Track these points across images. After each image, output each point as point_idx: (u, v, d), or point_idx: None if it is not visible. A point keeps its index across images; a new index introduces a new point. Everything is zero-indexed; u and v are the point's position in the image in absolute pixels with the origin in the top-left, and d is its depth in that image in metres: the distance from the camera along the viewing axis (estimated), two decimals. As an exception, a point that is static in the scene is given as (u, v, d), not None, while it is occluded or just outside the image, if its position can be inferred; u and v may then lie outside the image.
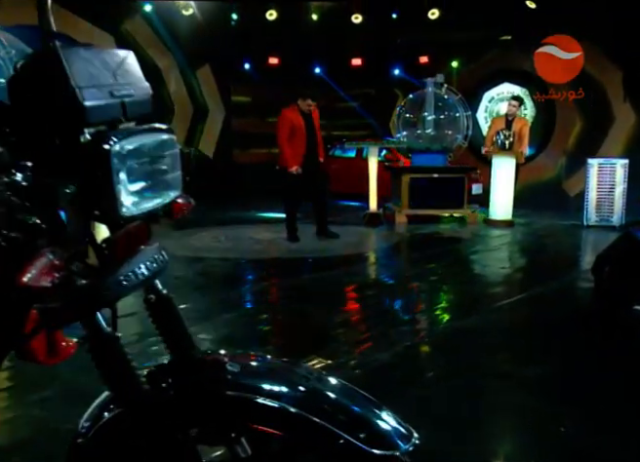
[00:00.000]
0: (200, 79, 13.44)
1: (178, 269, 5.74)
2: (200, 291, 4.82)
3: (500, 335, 3.81)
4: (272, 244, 6.98)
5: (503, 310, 4.33)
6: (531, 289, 4.98)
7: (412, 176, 8.89)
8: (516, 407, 2.76)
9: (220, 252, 6.49)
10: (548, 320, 4.14)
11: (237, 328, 3.82)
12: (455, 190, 8.96)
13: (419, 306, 4.48)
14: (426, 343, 3.57)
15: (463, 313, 4.20)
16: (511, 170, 8.63)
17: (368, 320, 4.12)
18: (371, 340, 3.60)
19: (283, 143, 6.82)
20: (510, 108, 8.97)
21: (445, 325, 3.90)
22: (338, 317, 4.06)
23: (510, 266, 6.07)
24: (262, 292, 4.81)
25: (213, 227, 8.48)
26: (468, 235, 8.09)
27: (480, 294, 4.86)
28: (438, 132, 9.18)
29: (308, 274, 5.52)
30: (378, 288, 5.03)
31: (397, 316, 4.22)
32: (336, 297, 4.71)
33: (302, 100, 6.84)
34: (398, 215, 8.89)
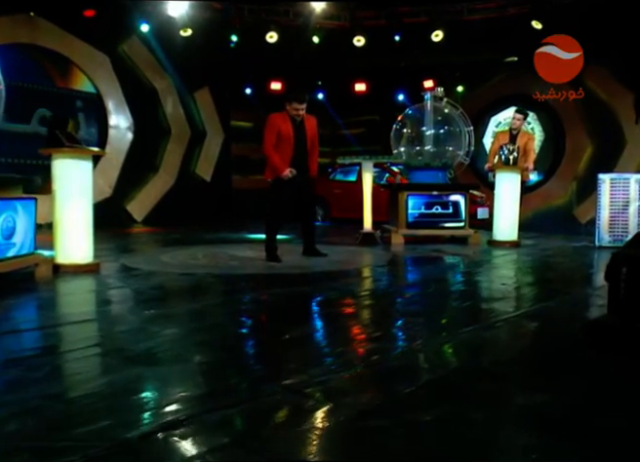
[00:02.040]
0: (198, 102, 12.96)
1: (132, 282, 5.03)
2: (144, 305, 4.07)
3: (493, 356, 3.01)
4: (251, 261, 6.25)
5: (498, 327, 3.53)
6: (534, 305, 4.19)
7: (409, 194, 8.17)
8: (509, 448, 1.96)
9: (189, 268, 5.75)
10: (551, 337, 3.34)
11: (164, 344, 3.06)
12: (456, 209, 8.21)
13: (390, 323, 3.68)
14: (389, 364, 2.78)
15: (446, 330, 3.41)
16: (516, 186, 7.87)
17: (323, 337, 3.34)
18: (318, 360, 2.82)
19: (269, 149, 6.05)
20: (515, 122, 8.27)
21: (419, 343, 3.11)
22: (289, 332, 3.28)
23: (513, 283, 5.26)
24: (214, 306, 4.03)
25: (195, 246, 7.80)
26: (468, 254, 7.30)
27: (475, 310, 4.06)
28: (438, 147, 8.49)
29: (276, 289, 4.74)
30: (350, 304, 4.25)
31: (361, 333, 3.42)
32: (296, 312, 3.94)
33: (289, 104, 6.07)
34: (394, 236, 8.14)
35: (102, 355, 2.89)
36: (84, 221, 5.63)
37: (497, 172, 7.97)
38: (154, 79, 12.16)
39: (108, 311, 4.04)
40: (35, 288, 4.79)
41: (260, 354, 3.06)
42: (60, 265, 5.51)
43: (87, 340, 3.09)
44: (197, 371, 2.64)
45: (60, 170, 5.53)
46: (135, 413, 2.11)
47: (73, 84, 11.30)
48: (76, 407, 2.18)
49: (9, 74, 10.39)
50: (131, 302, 4.34)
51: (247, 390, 2.39)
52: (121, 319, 3.75)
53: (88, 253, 5.65)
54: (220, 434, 1.95)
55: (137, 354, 2.85)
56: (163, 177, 12.38)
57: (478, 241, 8.14)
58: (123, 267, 5.88)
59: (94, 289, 4.79)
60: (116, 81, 11.55)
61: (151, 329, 3.34)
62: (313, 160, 6.28)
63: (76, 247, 5.57)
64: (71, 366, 2.72)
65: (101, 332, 3.42)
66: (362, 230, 8.24)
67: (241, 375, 2.57)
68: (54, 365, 2.71)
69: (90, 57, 11.26)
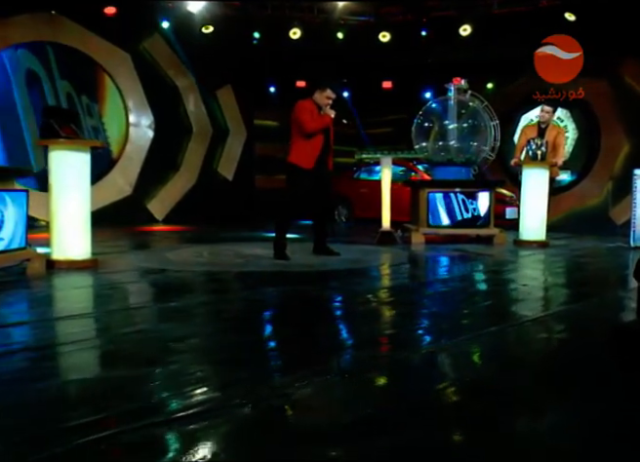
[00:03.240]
0: (220, 100, 12.66)
1: (123, 280, 4.70)
2: (123, 302, 3.73)
3: (503, 365, 2.55)
4: (256, 259, 5.86)
5: (511, 332, 3.06)
6: (556, 308, 3.70)
7: (431, 191, 7.68)
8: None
9: (188, 266, 5.40)
10: (572, 344, 2.86)
11: (130, 344, 2.70)
12: (480, 207, 7.69)
13: (390, 326, 3.24)
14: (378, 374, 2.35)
15: (451, 334, 2.96)
16: (544, 183, 7.31)
17: (318, 340, 2.92)
18: (308, 364, 2.41)
19: (310, 123, 5.53)
20: (543, 115, 7.71)
21: (424, 347, 2.67)
22: (278, 334, 2.88)
23: (536, 284, 4.75)
24: (200, 305, 3.65)
25: (207, 244, 7.47)
26: (491, 254, 6.78)
27: (489, 313, 3.59)
28: (461, 142, 7.97)
29: (270, 287, 4.34)
30: (346, 305, 3.82)
31: (363, 336, 2.99)
32: (283, 313, 3.53)
33: (321, 92, 5.67)
34: (415, 235, 7.66)
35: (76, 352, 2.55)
36: (81, 216, 5.33)
37: (523, 167, 7.42)
38: (176, 77, 11.91)
39: (87, 309, 3.70)
40: (21, 285, 4.49)
41: (234, 357, 2.65)
42: (55, 261, 5.21)
43: (63, 337, 2.76)
44: (155, 375, 2.26)
45: (57, 162, 5.24)
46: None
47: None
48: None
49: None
50: (112, 300, 3.99)
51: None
52: (95, 318, 3.40)
53: (84, 249, 5.35)
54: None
55: (103, 352, 2.48)
56: (184, 176, 12.12)
57: (503, 240, 7.60)
58: (122, 264, 5.56)
59: (81, 286, 4.48)
60: (137, 79, 11.35)
61: (117, 329, 2.98)
62: (331, 154, 5.93)
63: (72, 242, 5.27)
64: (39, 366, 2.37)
65: (71, 330, 3.08)
66: (380, 229, 7.78)
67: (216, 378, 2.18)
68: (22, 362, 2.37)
69: (111, 54, 11.07)
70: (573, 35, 11.51)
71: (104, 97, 11.24)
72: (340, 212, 12.74)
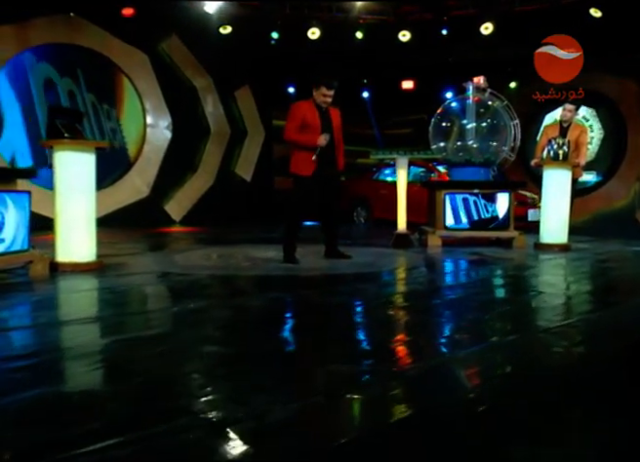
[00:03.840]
0: (239, 100, 12.52)
1: (125, 283, 4.55)
2: (118, 308, 3.57)
3: (503, 382, 2.32)
4: (265, 262, 5.68)
5: (519, 345, 2.82)
6: (571, 318, 3.43)
7: (448, 192, 7.42)
8: None
9: (193, 269, 5.24)
10: (583, 360, 2.61)
11: (107, 354, 2.53)
12: (499, 208, 7.40)
13: (391, 335, 3.02)
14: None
15: (460, 344, 2.74)
16: (566, 184, 7.00)
17: (305, 353, 2.71)
18: (290, 381, 2.21)
19: (291, 133, 5.41)
20: (565, 113, 7.39)
21: (431, 358, 2.45)
22: (262, 345, 2.69)
23: (553, 291, 4.48)
24: (190, 313, 3.46)
25: (218, 246, 7.33)
26: (509, 257, 6.50)
27: (499, 322, 3.35)
28: (480, 142, 7.69)
29: (272, 293, 4.14)
30: (355, 311, 3.61)
31: (362, 346, 2.78)
32: (277, 321, 3.33)
33: (316, 90, 5.41)
34: (431, 237, 7.41)
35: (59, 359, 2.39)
36: (86, 218, 5.20)
37: (544, 168, 7.12)
38: (194, 78, 11.82)
39: (78, 314, 3.55)
40: (20, 288, 4.37)
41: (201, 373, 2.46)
42: (59, 263, 5.10)
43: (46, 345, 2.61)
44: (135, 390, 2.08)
45: (61, 162, 5.13)
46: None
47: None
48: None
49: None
50: (106, 306, 3.84)
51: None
52: (83, 324, 3.24)
53: (89, 252, 5.22)
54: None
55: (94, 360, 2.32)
56: (202, 177, 12.02)
57: (523, 243, 7.30)
58: (127, 267, 5.42)
59: (80, 290, 4.34)
60: (155, 80, 11.28)
61: (101, 338, 2.82)
62: (340, 153, 5.65)
63: (76, 244, 5.15)
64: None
65: (57, 337, 2.94)
66: (396, 231, 7.54)
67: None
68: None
69: (129, 56, 11.01)
70: (599, 32, 11.18)
71: (122, 99, 11.19)
72: (359, 214, 12.51)
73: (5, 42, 9.76)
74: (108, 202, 10.79)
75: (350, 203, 12.63)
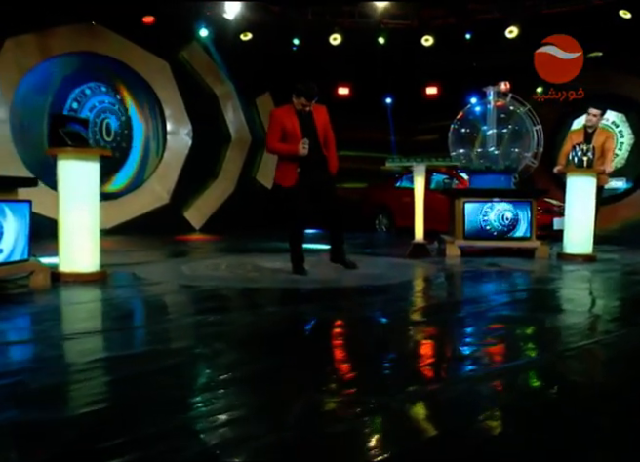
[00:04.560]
0: (260, 108, 12.38)
1: (127, 295, 4.40)
2: (115, 322, 3.41)
3: (493, 417, 2.06)
4: (273, 273, 5.47)
5: (521, 372, 2.56)
6: (584, 341, 3.14)
7: (467, 200, 7.13)
8: None
9: (197, 279, 5.07)
10: (587, 390, 2.33)
11: (74, 376, 2.35)
12: (521, 217, 7.08)
13: (380, 360, 2.77)
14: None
15: (472, 366, 2.49)
16: (591, 192, 6.65)
17: (289, 378, 2.49)
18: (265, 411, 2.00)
19: (273, 144, 5.22)
20: (590, 118, 7.04)
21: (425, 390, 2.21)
22: (240, 369, 2.48)
23: (572, 307, 4.18)
24: (178, 329, 3.28)
25: (229, 254, 7.17)
26: (530, 269, 6.18)
27: (504, 345, 3.08)
28: (501, 149, 7.38)
29: (272, 307, 3.94)
30: (353, 329, 3.37)
31: (329, 370, 2.55)
32: (268, 340, 3.11)
33: (296, 98, 5.19)
34: (450, 247, 7.12)
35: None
36: (89, 227, 5.07)
37: (568, 175, 6.78)
38: (214, 85, 11.74)
39: (74, 327, 3.40)
40: (17, 299, 4.25)
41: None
42: (61, 274, 4.98)
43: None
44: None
45: (65, 171, 5.02)
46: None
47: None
48: None
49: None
50: (98, 320, 3.68)
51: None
52: (65, 341, 3.08)
53: (92, 262, 5.09)
54: None
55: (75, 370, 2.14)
56: (222, 184, 11.90)
57: (546, 254, 6.96)
58: (132, 276, 5.28)
59: (78, 302, 4.20)
60: (175, 87, 11.22)
61: (76, 358, 2.64)
62: (331, 155, 5.32)
63: (79, 254, 5.02)
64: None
65: (34, 355, 2.78)
66: (413, 240, 7.28)
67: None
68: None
69: (149, 63, 10.98)
70: (629, 34, 10.74)
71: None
72: (381, 222, 12.25)
73: (27, 51, 9.81)
74: (128, 209, 10.77)
75: (372, 211, 12.39)
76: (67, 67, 10.26)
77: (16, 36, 9.62)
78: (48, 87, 10.02)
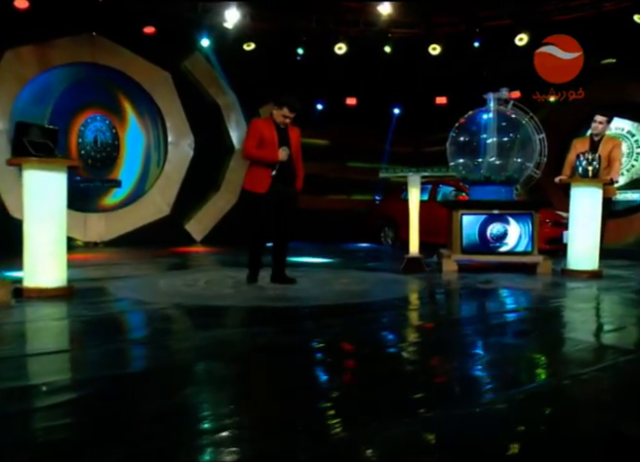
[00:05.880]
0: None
1: (84, 311, 4.08)
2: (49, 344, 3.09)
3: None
4: (250, 290, 5.13)
5: (481, 414, 2.17)
6: (575, 370, 2.73)
7: (465, 213, 6.72)
8: None
9: (166, 296, 4.76)
10: (568, 438, 1.93)
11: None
12: (522, 230, 6.64)
13: (335, 393, 2.40)
14: None
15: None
16: (596, 204, 6.20)
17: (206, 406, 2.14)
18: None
19: (250, 149, 5.14)
20: (596, 126, 6.59)
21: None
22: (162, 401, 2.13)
23: (566, 331, 3.76)
24: (112, 353, 2.95)
25: (217, 269, 6.87)
26: (530, 287, 5.74)
27: (466, 382, 2.69)
28: (501, 158, 6.97)
29: (226, 329, 3.58)
30: (309, 355, 3.00)
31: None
32: (198, 369, 2.75)
33: (278, 110, 5.19)
34: (446, 262, 6.71)
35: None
36: (56, 240, 4.80)
37: (572, 186, 6.34)
38: (217, 95, 11.51)
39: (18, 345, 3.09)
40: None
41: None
42: (25, 289, 4.71)
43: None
44: None
45: (30, 182, 4.76)
46: None
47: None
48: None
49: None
50: (54, 338, 3.37)
51: None
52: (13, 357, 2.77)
53: (58, 277, 4.81)
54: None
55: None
56: (224, 196, 11.62)
57: (548, 269, 6.51)
58: (100, 292, 4.98)
59: (30, 320, 3.91)
60: (177, 98, 11.02)
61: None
62: (299, 173, 5.34)
63: (43, 269, 4.74)
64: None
65: None
66: (407, 255, 6.89)
67: None
68: None
69: (150, 74, 10.80)
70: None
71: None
72: (387, 235, 11.84)
73: (27, 62, 9.70)
74: (128, 221, 10.56)
75: (378, 223, 12.01)
76: (67, 79, 10.13)
77: (15, 48, 9.52)
78: (47, 98, 9.89)
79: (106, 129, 10.51)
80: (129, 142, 10.78)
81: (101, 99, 10.44)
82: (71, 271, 6.12)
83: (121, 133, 10.70)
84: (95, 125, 10.39)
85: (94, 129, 10.38)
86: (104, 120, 10.50)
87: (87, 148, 10.34)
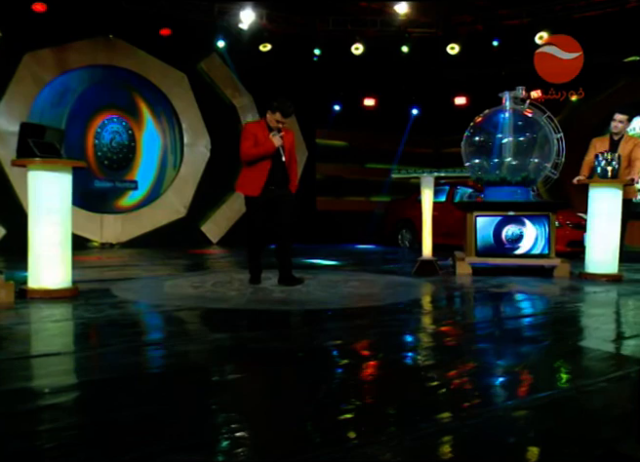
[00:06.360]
0: (280, 119, 12.01)
1: (85, 313, 4.02)
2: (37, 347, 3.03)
3: None
4: (256, 291, 5.04)
5: (481, 424, 2.03)
6: (583, 382, 2.57)
7: (479, 214, 6.54)
8: None
9: (167, 299, 4.67)
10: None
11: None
12: (538, 233, 6.44)
13: (327, 408, 2.27)
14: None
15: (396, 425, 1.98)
16: (616, 205, 5.97)
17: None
18: None
19: (247, 150, 5.13)
20: (616, 125, 6.37)
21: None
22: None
23: (579, 340, 3.58)
24: (107, 356, 2.87)
25: (227, 270, 6.79)
26: (545, 291, 5.54)
27: (462, 397, 2.54)
28: (518, 159, 6.77)
29: (222, 333, 3.47)
30: (300, 363, 2.88)
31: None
32: (193, 377, 2.65)
33: (271, 114, 5.16)
34: (460, 265, 6.54)
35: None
36: (60, 241, 4.76)
37: (590, 187, 6.13)
38: (234, 96, 11.47)
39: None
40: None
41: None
42: (28, 290, 4.68)
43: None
44: None
45: (34, 182, 4.73)
46: None
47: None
48: None
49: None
50: (49, 341, 3.31)
51: None
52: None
53: (62, 278, 4.77)
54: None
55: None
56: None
57: (566, 273, 6.30)
58: (103, 294, 4.92)
59: (31, 321, 3.85)
60: (193, 99, 11.00)
61: None
62: (293, 175, 5.36)
63: (48, 270, 4.71)
64: None
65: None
66: (420, 257, 6.73)
67: None
68: None
69: (167, 75, 10.79)
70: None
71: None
72: (404, 237, 11.67)
73: (45, 65, 9.77)
74: (144, 222, 10.56)
75: (395, 225, 11.84)
76: (85, 81, 10.17)
77: (34, 51, 9.60)
78: (65, 100, 9.94)
79: (123, 130, 10.53)
80: (145, 144, 10.78)
81: (118, 101, 10.46)
82: (82, 271, 6.14)
83: (138, 134, 10.71)
84: (111, 126, 10.41)
85: (111, 130, 10.40)
86: (121, 121, 10.52)
87: (104, 150, 10.37)
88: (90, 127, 10.22)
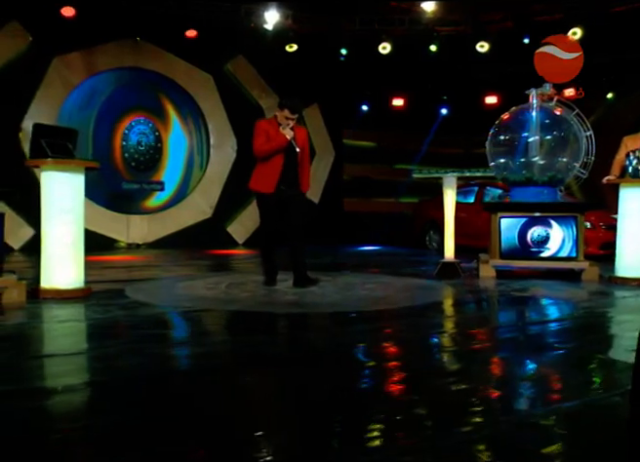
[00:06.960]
0: (307, 119, 11.90)
1: (91, 317, 3.97)
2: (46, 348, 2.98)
3: None
4: (269, 293, 4.94)
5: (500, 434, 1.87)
6: (593, 393, 2.38)
7: (504, 216, 6.30)
8: None
9: (180, 300, 4.61)
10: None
11: None
12: (565, 234, 6.16)
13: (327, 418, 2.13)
14: None
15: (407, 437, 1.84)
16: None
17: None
18: None
19: (260, 146, 5.07)
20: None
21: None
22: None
23: (618, 346, 3.36)
24: (106, 359, 2.79)
25: (242, 273, 6.71)
26: (572, 296, 5.28)
27: (476, 406, 2.37)
28: (545, 158, 6.50)
29: (226, 336, 3.37)
30: (303, 370, 2.75)
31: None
32: (188, 381, 2.54)
33: (280, 111, 5.20)
34: (484, 268, 6.31)
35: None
36: (73, 242, 4.74)
37: (621, 186, 5.84)
38: (260, 97, 11.41)
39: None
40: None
41: None
42: (41, 290, 4.67)
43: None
44: None
45: (47, 183, 4.72)
46: None
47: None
48: None
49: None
50: (52, 342, 3.26)
51: None
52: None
53: (75, 278, 4.75)
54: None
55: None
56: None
57: (595, 276, 6.01)
58: (116, 295, 4.88)
59: (40, 322, 3.83)
60: (219, 100, 10.98)
61: None
62: (304, 174, 5.29)
63: (60, 270, 4.69)
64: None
65: None
66: (442, 259, 6.52)
67: None
68: None
69: (193, 76, 10.80)
70: None
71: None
72: (432, 239, 11.41)
73: (74, 68, 9.87)
74: (171, 223, 10.59)
75: (423, 227, 11.60)
76: (112, 83, 10.24)
77: (63, 54, 9.71)
78: (92, 103, 10.04)
79: (150, 132, 10.57)
80: (172, 145, 10.81)
81: (145, 103, 10.51)
82: (102, 272, 6.14)
83: (164, 135, 10.75)
84: (138, 128, 10.46)
85: (137, 132, 10.45)
86: (148, 123, 10.57)
87: (131, 151, 10.43)
88: (117, 129, 10.29)
